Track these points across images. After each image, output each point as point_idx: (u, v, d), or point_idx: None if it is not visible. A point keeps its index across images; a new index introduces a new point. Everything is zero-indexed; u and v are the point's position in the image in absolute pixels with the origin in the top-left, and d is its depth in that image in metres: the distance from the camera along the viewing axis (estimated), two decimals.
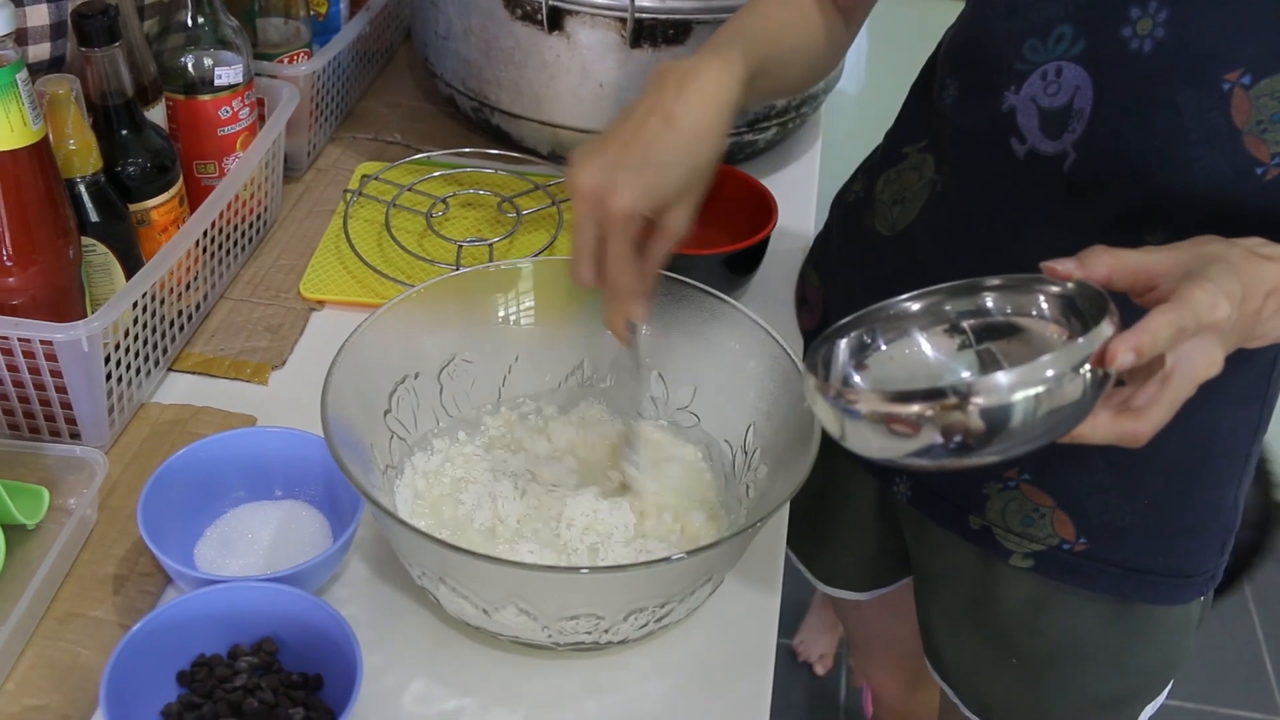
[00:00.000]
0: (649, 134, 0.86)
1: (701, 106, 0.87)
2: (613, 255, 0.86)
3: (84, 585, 0.91)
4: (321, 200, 1.34)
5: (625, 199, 0.83)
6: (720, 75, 0.89)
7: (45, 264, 0.95)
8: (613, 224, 0.84)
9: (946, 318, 0.80)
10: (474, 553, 0.80)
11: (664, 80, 0.89)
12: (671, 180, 0.86)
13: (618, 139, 0.86)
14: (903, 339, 0.81)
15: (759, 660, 0.91)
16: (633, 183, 0.84)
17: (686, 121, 0.86)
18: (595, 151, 0.86)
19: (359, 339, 0.92)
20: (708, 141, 0.87)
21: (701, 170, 0.88)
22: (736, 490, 0.96)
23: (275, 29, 1.34)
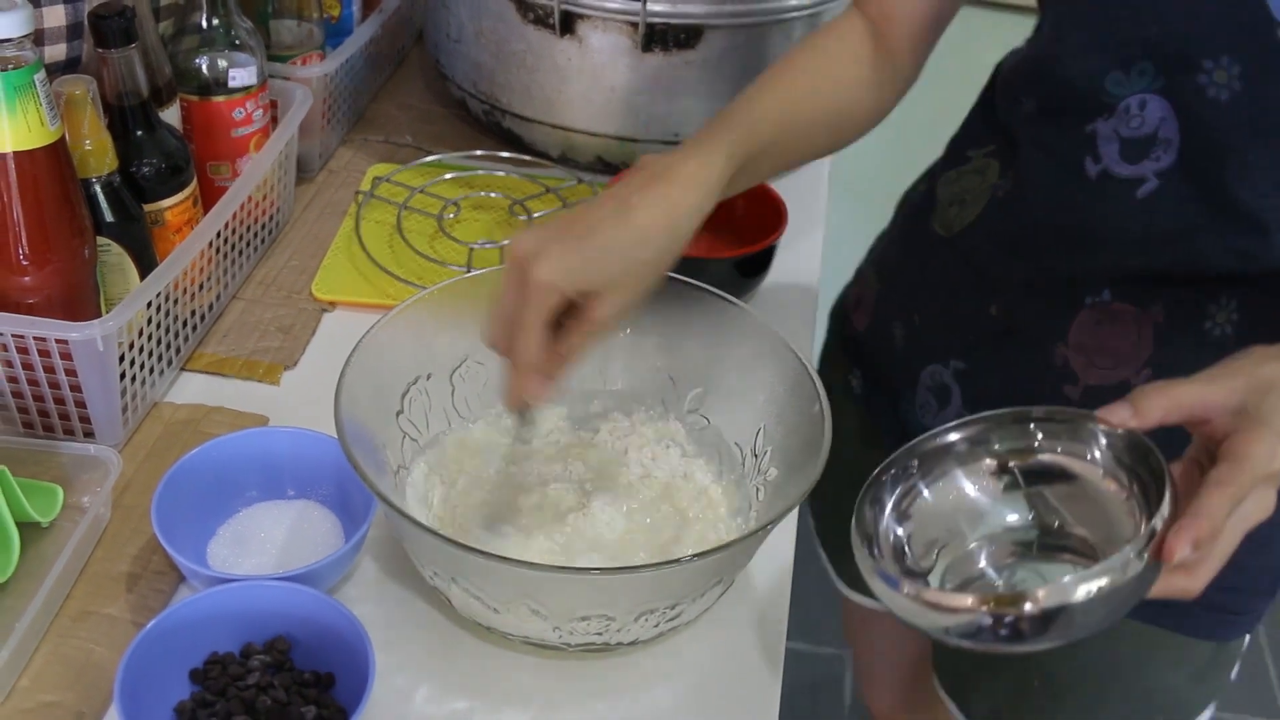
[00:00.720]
0: (596, 217, 0.84)
1: (661, 207, 0.84)
2: (521, 323, 0.82)
3: (98, 583, 0.92)
4: (333, 202, 1.35)
5: (545, 269, 0.80)
6: (692, 178, 0.86)
7: (61, 263, 0.95)
8: (528, 292, 0.81)
9: (990, 454, 0.78)
10: (486, 552, 0.80)
11: (636, 173, 0.87)
12: (604, 266, 0.82)
13: (568, 217, 0.85)
14: (945, 480, 0.79)
15: (769, 663, 0.91)
16: (560, 256, 0.81)
17: (639, 216, 0.84)
18: (542, 224, 0.85)
19: (372, 340, 0.92)
20: (657, 240, 0.84)
21: (642, 266, 0.84)
22: (747, 493, 0.96)
23: (289, 31, 1.35)
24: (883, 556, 0.77)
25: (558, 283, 0.81)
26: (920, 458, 0.79)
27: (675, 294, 1.00)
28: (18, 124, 0.89)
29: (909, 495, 0.79)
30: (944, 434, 0.79)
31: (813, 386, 0.91)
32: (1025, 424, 0.78)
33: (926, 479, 0.79)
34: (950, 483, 0.79)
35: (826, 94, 0.99)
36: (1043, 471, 0.78)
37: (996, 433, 0.78)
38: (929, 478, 0.79)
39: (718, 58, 1.30)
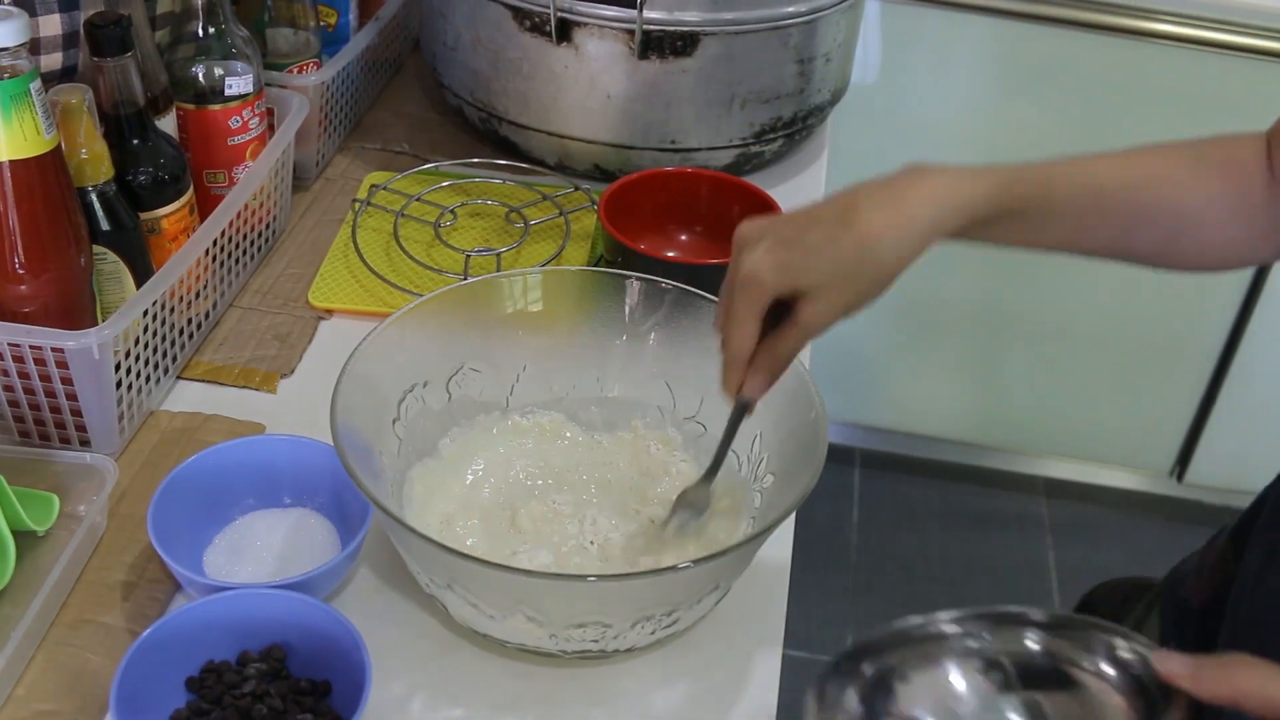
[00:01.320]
0: (820, 213, 0.81)
1: (888, 214, 0.79)
2: (733, 313, 0.81)
3: (94, 591, 0.92)
4: (330, 209, 1.35)
5: (751, 260, 0.79)
6: (934, 193, 0.80)
7: (57, 272, 0.95)
8: (738, 281, 0.80)
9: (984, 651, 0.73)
10: (482, 560, 0.80)
11: (893, 179, 0.81)
12: (813, 266, 0.79)
13: (796, 210, 0.82)
14: (931, 670, 0.74)
15: (766, 670, 0.91)
16: (769, 249, 0.79)
17: (862, 219, 0.79)
18: (773, 217, 0.82)
19: (368, 348, 0.92)
20: (877, 248, 0.79)
21: (856, 272, 0.79)
22: (743, 500, 0.96)
23: (285, 39, 1.35)
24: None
25: (763, 276, 0.79)
26: (905, 642, 0.74)
27: (673, 300, 1.00)
28: (13, 133, 0.89)
29: (884, 681, 0.74)
30: (935, 623, 0.74)
31: (810, 393, 0.91)
32: (1025, 625, 0.73)
33: (909, 666, 0.74)
34: (937, 673, 0.74)
35: (1170, 192, 0.86)
36: (1040, 676, 0.73)
37: (993, 629, 0.74)
38: (913, 665, 0.74)
39: (714, 65, 1.30)
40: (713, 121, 1.35)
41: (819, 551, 2.37)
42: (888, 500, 2.55)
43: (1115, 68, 2.03)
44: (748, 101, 1.34)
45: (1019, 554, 2.46)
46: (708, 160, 1.37)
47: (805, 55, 1.35)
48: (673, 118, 1.33)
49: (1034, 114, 2.11)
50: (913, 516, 2.53)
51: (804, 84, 1.38)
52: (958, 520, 2.52)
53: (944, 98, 2.13)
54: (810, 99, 1.40)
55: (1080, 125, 2.09)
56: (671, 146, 1.35)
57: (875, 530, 2.48)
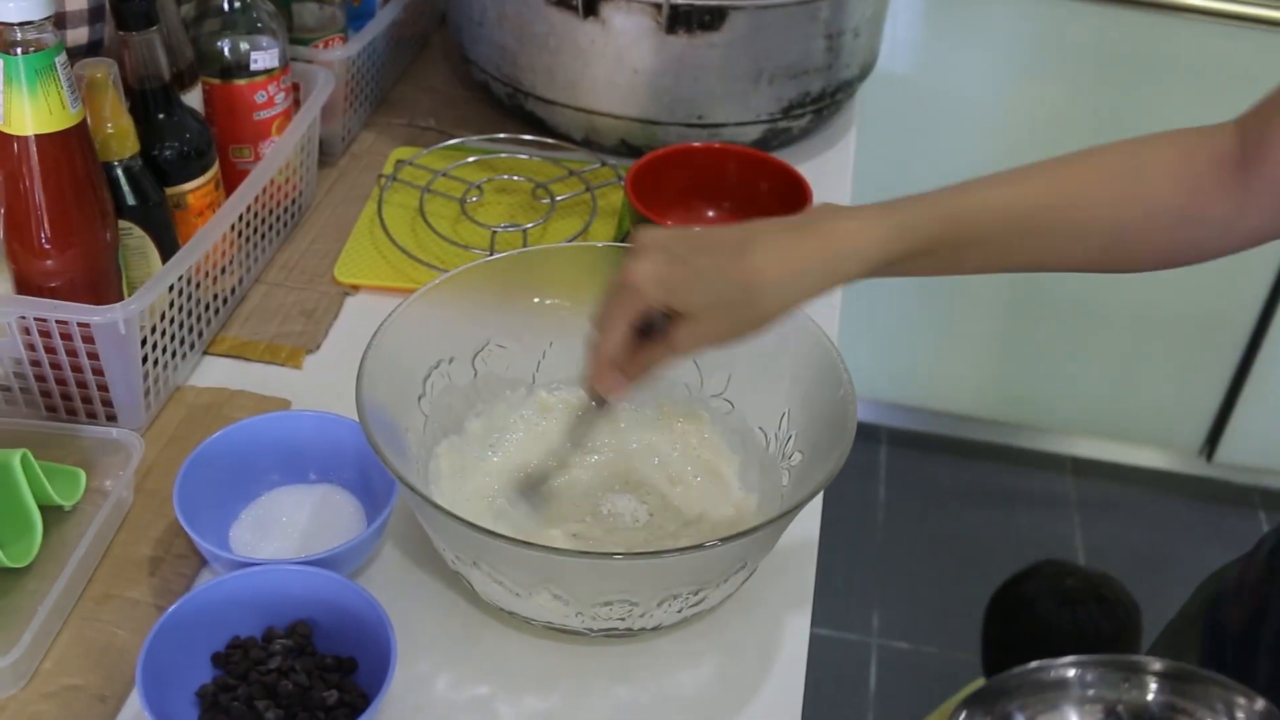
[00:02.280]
0: (718, 240, 0.80)
1: (781, 257, 0.79)
2: (608, 315, 0.82)
3: (120, 566, 0.92)
4: (356, 185, 1.34)
5: (638, 270, 0.79)
6: (837, 240, 0.79)
7: (83, 247, 0.95)
8: (621, 286, 0.81)
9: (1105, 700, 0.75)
10: (508, 537, 0.80)
11: (796, 223, 0.81)
12: (694, 291, 0.79)
13: (702, 230, 0.82)
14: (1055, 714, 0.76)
15: (793, 649, 0.91)
16: (657, 263, 0.79)
17: (755, 257, 0.78)
18: (675, 231, 0.82)
19: (394, 324, 0.92)
20: (761, 289, 0.79)
21: (736, 308, 0.80)
22: (772, 478, 0.96)
23: (310, 14, 1.34)
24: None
25: (643, 287, 0.79)
26: (1029, 687, 0.76)
27: None
28: (39, 107, 0.89)
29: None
30: (1058, 668, 0.76)
31: (838, 370, 0.90)
32: (1143, 674, 0.75)
33: (1033, 710, 0.76)
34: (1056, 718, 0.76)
35: (1101, 208, 0.83)
36: None
37: (1112, 677, 0.76)
38: (1036, 709, 0.76)
39: (742, 40, 1.29)
40: (740, 97, 1.34)
41: (845, 529, 2.36)
42: (914, 479, 2.54)
43: (1145, 43, 2.01)
44: (776, 77, 1.33)
45: (1046, 533, 2.45)
46: (735, 136, 1.36)
47: (834, 30, 1.34)
48: (700, 93, 1.32)
49: (1064, 91, 2.09)
50: (939, 495, 2.52)
51: (832, 59, 1.36)
52: (985, 499, 2.52)
53: (973, 75, 2.11)
54: (839, 74, 1.39)
55: (1109, 102, 2.08)
56: (699, 122, 1.34)
57: (902, 509, 2.47)
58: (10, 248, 0.95)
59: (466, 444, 0.98)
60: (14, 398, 1.01)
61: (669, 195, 1.24)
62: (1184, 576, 1.22)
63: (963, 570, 2.35)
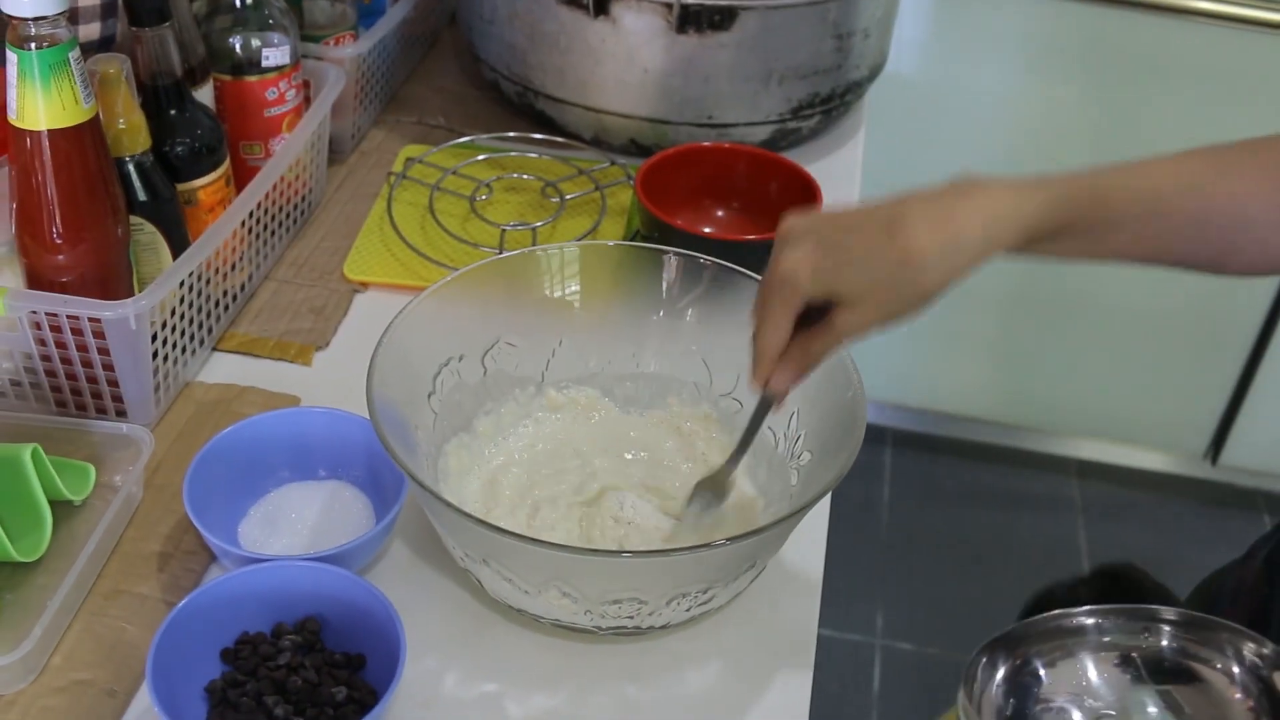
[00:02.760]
0: (865, 219, 0.78)
1: (937, 231, 0.76)
2: (766, 306, 0.80)
3: (129, 562, 0.92)
4: (365, 183, 1.35)
5: (790, 260, 0.78)
6: (989, 208, 0.77)
7: (94, 242, 0.95)
8: (774, 278, 0.79)
9: (1119, 646, 0.76)
10: (517, 534, 0.80)
11: (944, 192, 0.78)
12: (852, 276, 0.77)
13: (845, 210, 0.80)
14: (1069, 661, 0.77)
15: (800, 649, 0.91)
16: (809, 250, 0.77)
17: (907, 233, 0.76)
18: (819, 214, 0.80)
19: (404, 320, 0.92)
20: (919, 264, 0.76)
21: (896, 286, 0.77)
22: (780, 477, 0.96)
23: (321, 11, 1.35)
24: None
25: (800, 278, 0.78)
26: (1046, 634, 0.77)
27: (711, 277, 0.99)
28: (52, 102, 0.89)
29: (1027, 669, 0.77)
30: (1074, 617, 0.77)
31: (848, 370, 0.90)
32: (1155, 622, 0.76)
33: (1050, 657, 0.77)
34: (1075, 665, 0.77)
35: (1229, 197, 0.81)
36: (1169, 670, 0.76)
37: (1126, 624, 0.76)
38: (1053, 656, 0.77)
39: (752, 40, 1.29)
40: (750, 97, 1.34)
41: (850, 530, 2.36)
42: (919, 480, 2.54)
43: (1152, 46, 2.01)
44: (785, 77, 1.33)
45: (1051, 535, 2.44)
46: (745, 136, 1.37)
47: (844, 30, 1.34)
48: (710, 93, 1.32)
49: (1072, 92, 2.09)
50: (944, 496, 2.52)
51: (842, 59, 1.36)
52: (989, 501, 2.51)
53: (981, 76, 2.11)
54: (848, 75, 1.39)
55: (1116, 103, 2.07)
56: (708, 122, 1.34)
57: (906, 510, 2.47)
58: (22, 242, 0.95)
59: (476, 441, 0.98)
60: (24, 392, 1.01)
61: (678, 195, 1.24)
62: (1188, 579, 1.22)
63: (967, 572, 2.35)
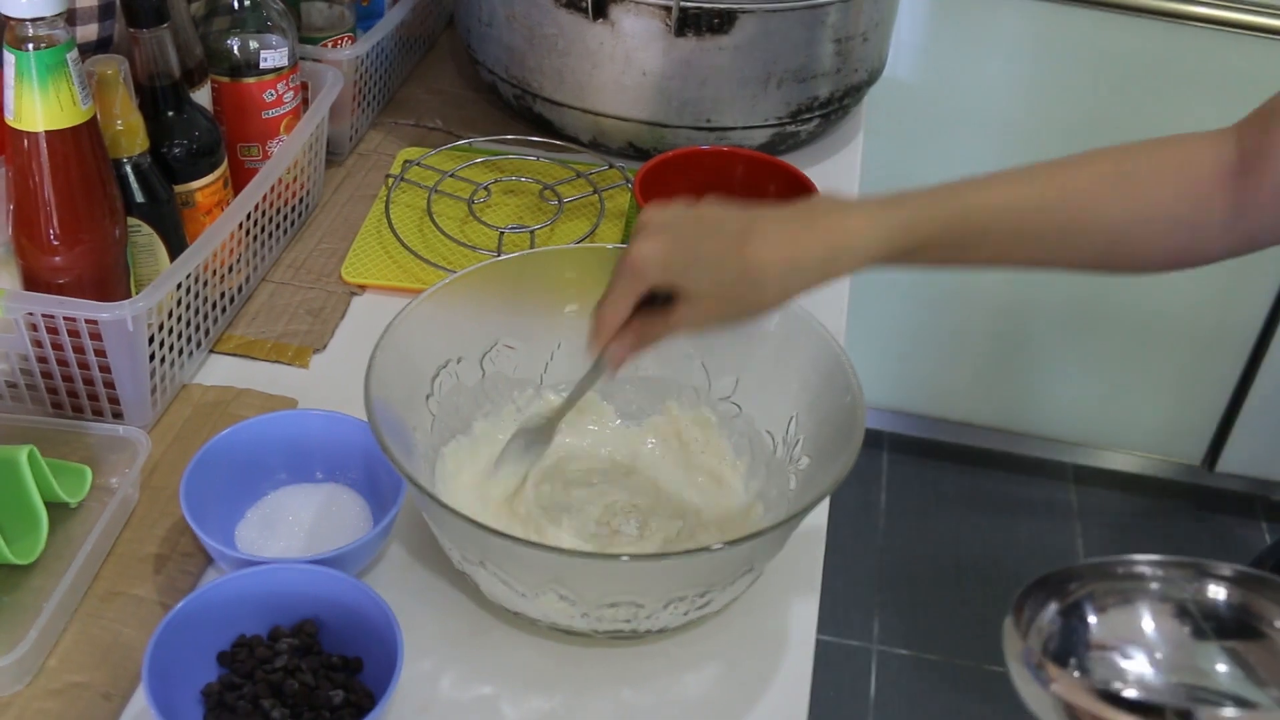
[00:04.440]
0: (722, 224, 0.82)
1: (783, 251, 0.81)
2: (612, 288, 0.83)
3: (126, 564, 0.92)
4: (363, 185, 1.34)
5: (643, 248, 0.81)
6: (840, 233, 0.81)
7: (91, 243, 0.95)
8: (626, 262, 0.82)
9: (1176, 598, 0.75)
10: (515, 537, 0.80)
11: (798, 213, 0.83)
12: (697, 276, 0.81)
13: (707, 209, 0.83)
14: (1127, 607, 0.76)
15: (799, 653, 0.91)
16: (663, 243, 0.81)
17: (755, 248, 0.80)
18: (683, 209, 0.83)
19: (402, 323, 0.92)
20: (761, 280, 0.81)
21: (736, 295, 0.82)
22: (778, 482, 0.96)
23: (319, 13, 1.34)
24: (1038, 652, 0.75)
25: (648, 269, 0.81)
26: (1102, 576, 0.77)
27: None
28: (50, 103, 0.89)
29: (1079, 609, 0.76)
30: (1132, 563, 0.76)
31: (847, 375, 0.90)
32: (1212, 578, 0.75)
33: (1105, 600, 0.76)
34: (1130, 612, 0.76)
35: (1100, 211, 0.84)
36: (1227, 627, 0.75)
37: (1184, 576, 0.76)
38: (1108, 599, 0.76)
39: (750, 43, 1.29)
40: (748, 100, 1.34)
41: (846, 535, 2.36)
42: (916, 485, 2.54)
43: (1150, 51, 2.01)
44: (784, 80, 1.33)
45: (1047, 541, 2.44)
46: (743, 139, 1.37)
47: (842, 34, 1.34)
48: (708, 96, 1.32)
49: (1070, 97, 2.09)
50: (941, 502, 2.52)
51: (840, 63, 1.36)
52: (986, 506, 2.51)
53: (979, 81, 2.11)
54: (847, 79, 1.39)
55: (1114, 108, 2.08)
56: (707, 125, 1.34)
57: (903, 515, 2.47)
58: (19, 243, 0.95)
59: (474, 444, 0.98)
60: (21, 394, 1.01)
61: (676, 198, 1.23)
62: None
63: (963, 577, 2.35)
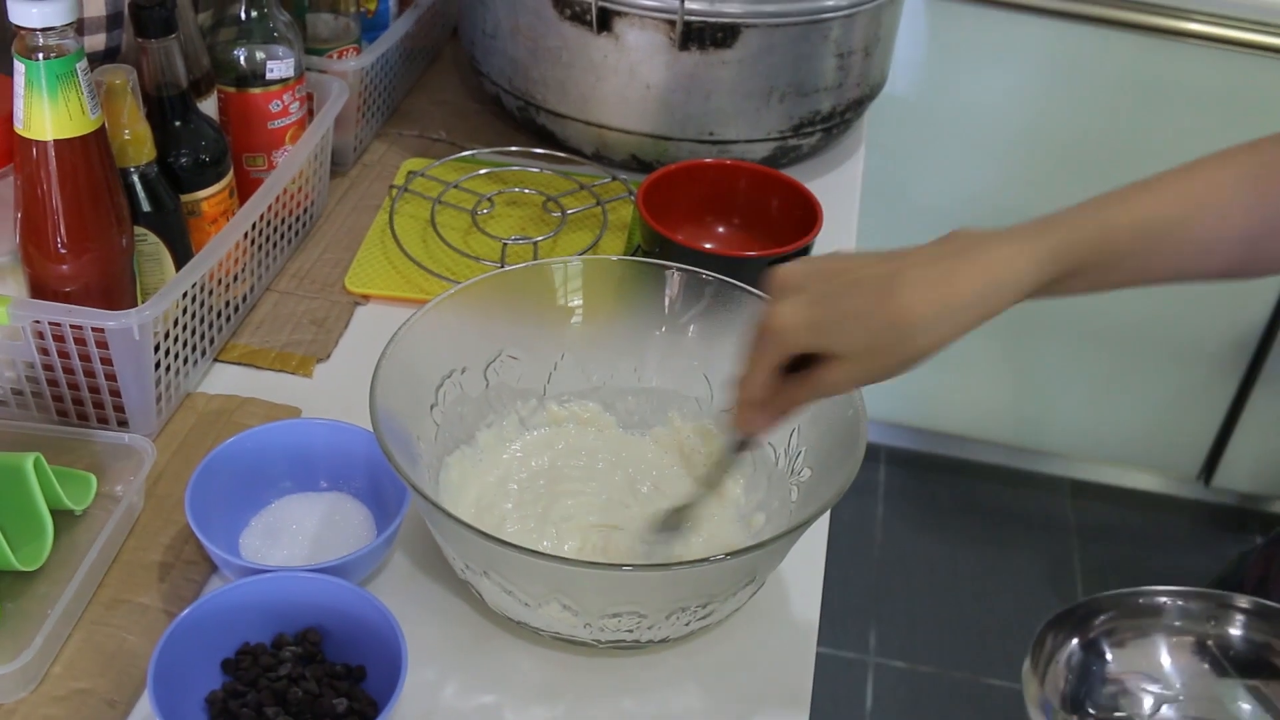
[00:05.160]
0: (864, 276, 0.76)
1: (934, 294, 0.75)
2: (753, 358, 0.80)
3: (130, 571, 0.92)
4: (367, 195, 1.35)
5: (786, 313, 0.77)
6: (990, 269, 0.76)
7: (98, 252, 0.95)
8: (766, 328, 0.78)
9: (1195, 633, 0.75)
10: (519, 547, 0.80)
11: (942, 240, 0.78)
12: (847, 333, 0.76)
13: (841, 261, 0.79)
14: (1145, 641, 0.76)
15: (799, 664, 0.91)
16: (806, 305, 0.77)
17: (905, 296, 0.75)
18: (816, 264, 0.79)
19: (407, 333, 0.92)
20: (916, 326, 0.75)
21: (890, 347, 0.76)
22: (780, 493, 0.96)
23: (325, 24, 1.35)
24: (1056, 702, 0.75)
25: (791, 332, 0.77)
26: (1121, 610, 0.77)
27: (713, 293, 1.00)
28: (59, 113, 0.89)
29: (1097, 645, 0.76)
30: (1151, 595, 0.76)
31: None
32: (1232, 610, 0.75)
33: (1123, 634, 0.76)
34: (1148, 646, 0.76)
35: (1235, 217, 0.82)
36: (1247, 663, 0.75)
37: (1203, 609, 0.76)
38: (1127, 633, 0.76)
39: (754, 57, 1.30)
40: (751, 114, 1.34)
41: (843, 548, 2.36)
42: (913, 498, 2.54)
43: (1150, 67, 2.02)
44: (786, 94, 1.34)
45: (1044, 555, 2.45)
46: (745, 153, 1.37)
47: (845, 49, 1.35)
48: (711, 109, 1.33)
49: (1071, 112, 2.09)
50: (937, 515, 2.52)
51: (843, 78, 1.37)
52: (983, 520, 2.52)
53: (980, 95, 2.12)
54: (849, 93, 1.39)
55: (1115, 123, 2.08)
56: (710, 138, 1.35)
57: (900, 528, 2.48)
58: (26, 252, 0.95)
59: (477, 453, 0.99)
60: (26, 402, 1.01)
61: (679, 210, 1.24)
62: None
63: (960, 591, 2.36)
